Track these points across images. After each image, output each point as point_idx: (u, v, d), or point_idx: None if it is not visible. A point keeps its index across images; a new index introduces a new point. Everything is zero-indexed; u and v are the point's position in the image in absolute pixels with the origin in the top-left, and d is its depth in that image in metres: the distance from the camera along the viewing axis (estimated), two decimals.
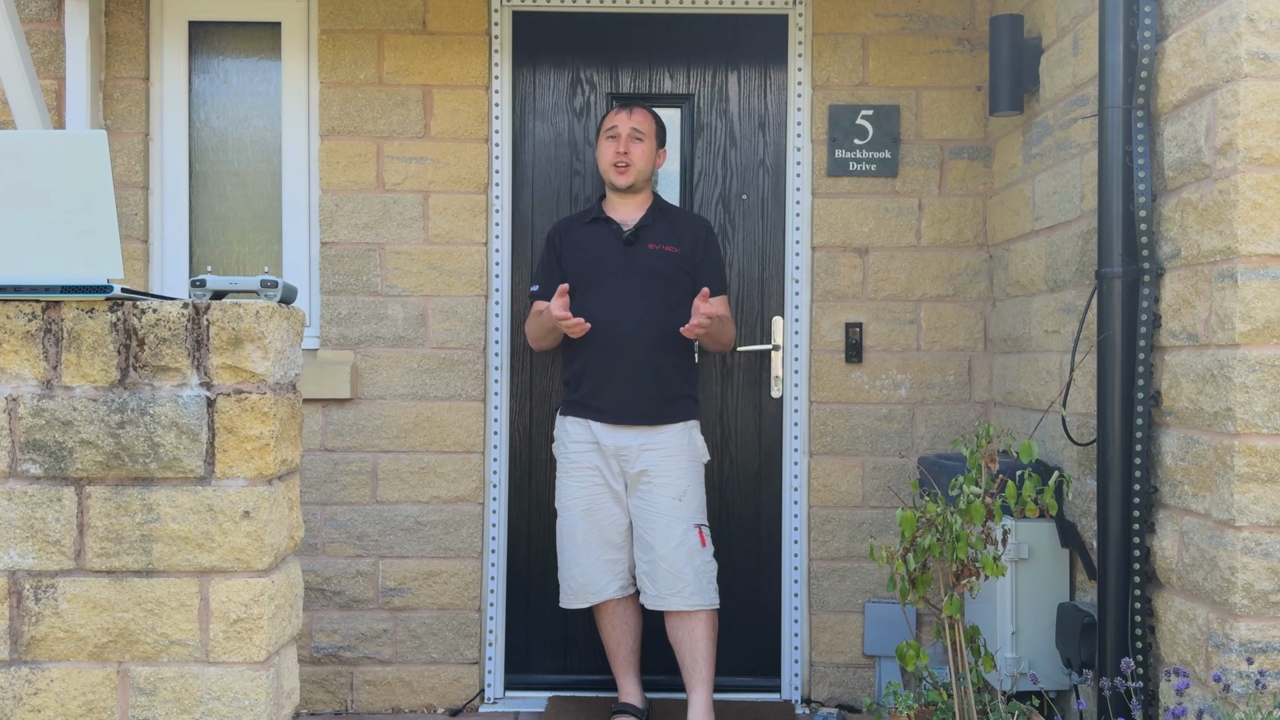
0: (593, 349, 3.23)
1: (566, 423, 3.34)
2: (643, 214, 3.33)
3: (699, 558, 3.22)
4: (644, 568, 3.24)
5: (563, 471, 3.35)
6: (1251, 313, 2.16)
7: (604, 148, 3.33)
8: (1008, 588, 2.85)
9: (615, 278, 3.26)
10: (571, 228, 3.39)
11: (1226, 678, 2.16)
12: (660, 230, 3.31)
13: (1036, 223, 3.17)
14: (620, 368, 3.22)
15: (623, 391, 3.23)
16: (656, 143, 3.37)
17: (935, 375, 3.60)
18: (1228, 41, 2.20)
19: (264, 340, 1.90)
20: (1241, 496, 2.16)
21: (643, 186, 3.35)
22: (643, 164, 3.31)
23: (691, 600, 3.19)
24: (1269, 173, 2.16)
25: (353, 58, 3.58)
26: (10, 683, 1.89)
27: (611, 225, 3.32)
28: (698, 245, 3.32)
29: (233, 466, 1.90)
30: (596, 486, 3.28)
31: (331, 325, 3.57)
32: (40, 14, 3.51)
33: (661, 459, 3.23)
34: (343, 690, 3.55)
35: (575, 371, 3.30)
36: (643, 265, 3.26)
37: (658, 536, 3.20)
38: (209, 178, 3.68)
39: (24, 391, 1.89)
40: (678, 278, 3.28)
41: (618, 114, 3.33)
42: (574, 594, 3.31)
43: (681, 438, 3.27)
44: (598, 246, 3.31)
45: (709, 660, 3.22)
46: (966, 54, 3.60)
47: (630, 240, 3.29)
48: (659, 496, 3.22)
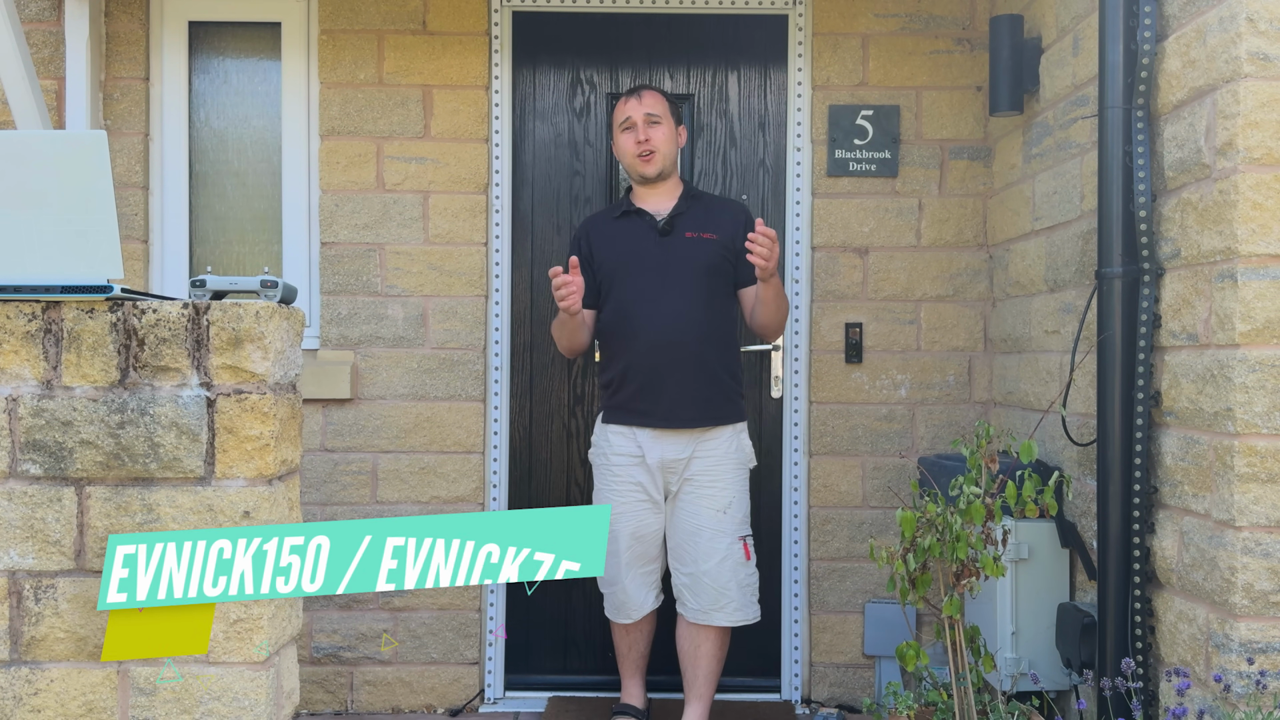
0: (633, 348, 3.05)
1: (609, 431, 3.14)
2: (675, 202, 3.15)
3: (743, 571, 3.08)
4: (684, 580, 3.09)
5: (602, 483, 3.17)
6: (1251, 313, 2.16)
7: (622, 140, 3.16)
8: (1008, 588, 2.85)
9: (652, 271, 3.07)
10: (600, 225, 3.22)
11: (1227, 678, 2.16)
12: (696, 217, 3.13)
13: (1036, 223, 3.17)
14: (664, 367, 3.02)
15: (668, 393, 3.03)
16: (674, 121, 3.18)
17: (935, 375, 3.60)
18: (1228, 41, 2.20)
19: (264, 340, 1.90)
20: (1241, 496, 2.16)
21: (670, 172, 3.17)
22: (666, 147, 3.13)
23: (735, 616, 3.07)
24: (1269, 173, 2.16)
25: (353, 58, 3.58)
26: (10, 683, 1.89)
27: (644, 217, 3.14)
28: (737, 230, 3.11)
29: (233, 467, 1.90)
30: (640, 504, 3.10)
31: (331, 325, 3.57)
32: (40, 14, 3.51)
33: (709, 467, 3.06)
34: (343, 690, 3.55)
35: (616, 374, 3.11)
36: (681, 256, 3.07)
37: (701, 551, 3.05)
38: (209, 178, 3.68)
39: (24, 391, 1.89)
40: (719, 266, 3.09)
41: (626, 102, 3.16)
42: (617, 609, 3.18)
43: (730, 443, 3.10)
44: (631, 240, 3.12)
45: (710, 679, 3.13)
46: (966, 54, 3.60)
47: (665, 230, 3.10)
48: (703, 509, 3.06)
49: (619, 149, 3.20)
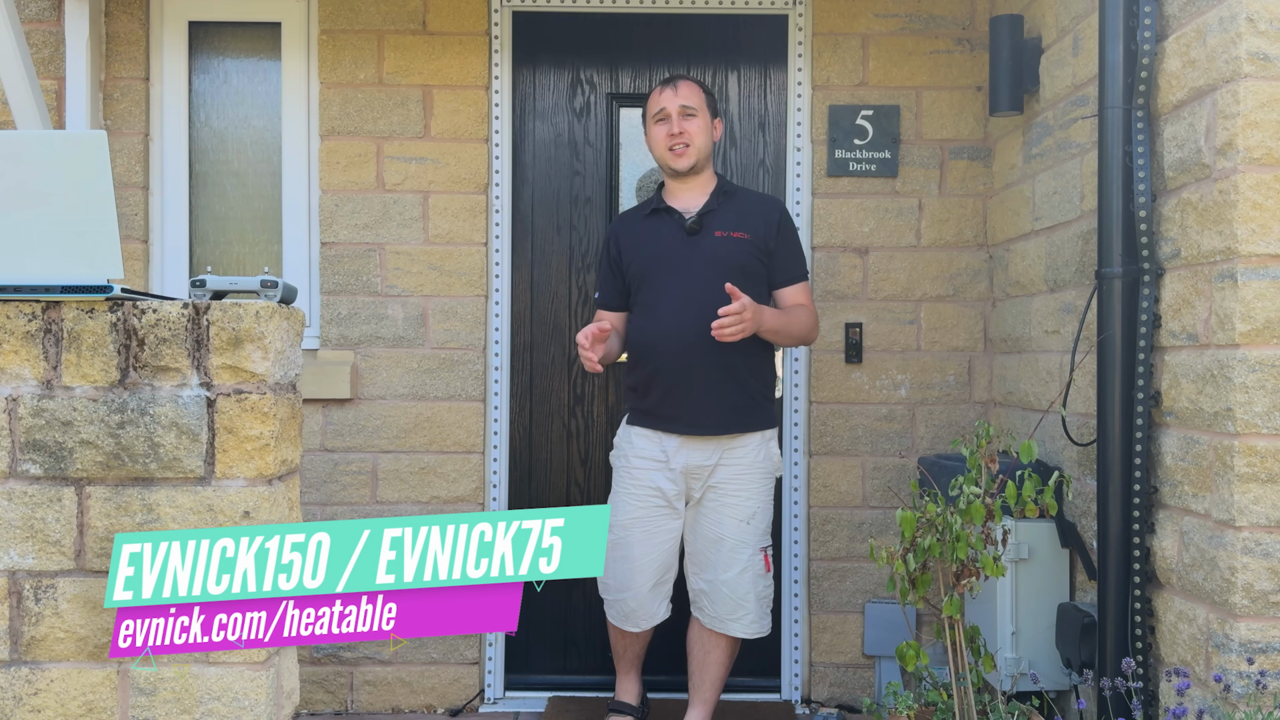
0: (661, 352, 2.96)
1: (633, 434, 3.07)
2: (706, 199, 3.05)
3: (761, 583, 3.04)
4: (702, 585, 3.05)
5: (620, 485, 3.09)
6: (1251, 313, 2.16)
7: (655, 133, 3.05)
8: (1008, 588, 2.85)
9: (680, 273, 2.98)
10: (630, 224, 3.14)
11: (1227, 678, 2.16)
12: (728, 215, 3.02)
13: (1036, 223, 3.17)
14: (692, 373, 2.94)
15: (697, 399, 2.95)
16: (710, 114, 3.08)
17: (935, 375, 3.60)
18: (1228, 41, 2.20)
19: (264, 340, 1.90)
20: (1241, 496, 2.16)
21: (704, 166, 3.07)
22: (701, 140, 3.02)
23: (751, 628, 3.03)
24: (1269, 173, 2.16)
25: (353, 58, 3.58)
26: (10, 683, 1.89)
27: (673, 215, 3.05)
28: (770, 230, 3.03)
29: (233, 467, 1.90)
30: (657, 509, 3.04)
31: (331, 325, 3.57)
32: (40, 14, 3.51)
33: (735, 475, 3.00)
34: (343, 690, 3.55)
35: (643, 377, 3.03)
36: (710, 256, 2.97)
37: (722, 560, 3.00)
38: (209, 178, 3.68)
39: (24, 391, 1.89)
40: (751, 266, 2.99)
41: (662, 93, 3.04)
42: (625, 617, 3.09)
43: (759, 451, 3.03)
44: (659, 240, 3.04)
45: (717, 684, 3.11)
46: (966, 54, 3.60)
47: (694, 229, 3.00)
48: (727, 518, 3.00)
49: (651, 140, 3.10)
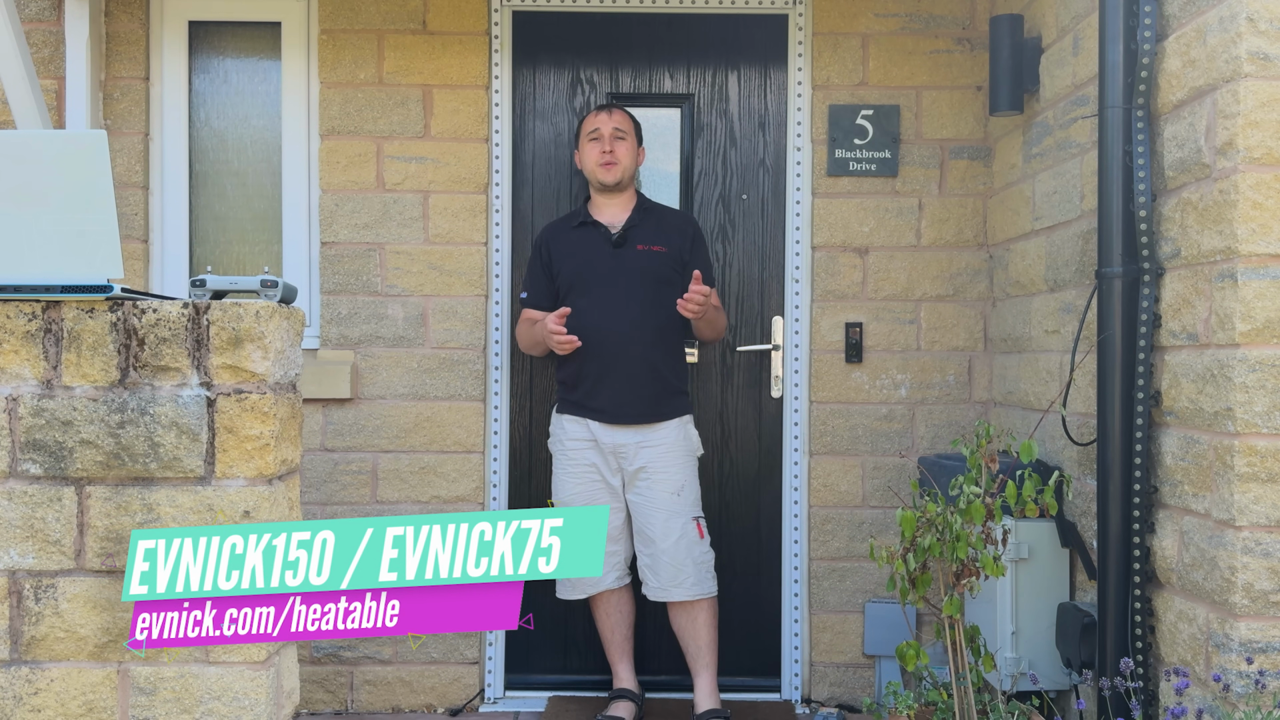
0: (588, 351, 3.28)
1: (564, 420, 3.39)
2: (629, 214, 3.39)
3: (698, 549, 3.30)
4: (645, 560, 3.33)
5: (559, 468, 3.40)
6: (1251, 313, 2.16)
7: (588, 149, 3.40)
8: (1008, 588, 2.85)
9: (606, 281, 3.32)
10: (559, 233, 3.44)
11: (1226, 677, 2.16)
12: (648, 230, 3.37)
13: (1036, 223, 3.17)
14: (616, 369, 3.28)
15: (620, 392, 3.29)
16: (636, 140, 3.45)
17: (935, 375, 3.60)
18: (1228, 41, 2.20)
19: (264, 340, 1.90)
20: (1241, 496, 2.16)
21: (628, 184, 3.42)
22: (627, 161, 3.38)
23: (692, 591, 3.28)
24: (1269, 173, 2.16)
25: (353, 58, 3.58)
26: (10, 683, 1.89)
27: (599, 228, 3.37)
28: (685, 243, 3.39)
29: (233, 466, 1.90)
30: (594, 483, 3.34)
31: (331, 325, 3.57)
32: (40, 14, 3.51)
33: (659, 455, 3.29)
34: (343, 690, 3.55)
35: (571, 373, 3.35)
36: (633, 267, 3.32)
37: (658, 531, 3.27)
38: (209, 178, 3.68)
39: (24, 391, 1.89)
40: (668, 276, 3.34)
41: (597, 115, 3.41)
42: (572, 585, 3.38)
43: (678, 433, 3.33)
44: (587, 251, 3.36)
45: (711, 646, 3.33)
46: (966, 54, 3.60)
47: (619, 242, 3.34)
48: (658, 492, 3.28)
49: (581, 156, 3.44)
